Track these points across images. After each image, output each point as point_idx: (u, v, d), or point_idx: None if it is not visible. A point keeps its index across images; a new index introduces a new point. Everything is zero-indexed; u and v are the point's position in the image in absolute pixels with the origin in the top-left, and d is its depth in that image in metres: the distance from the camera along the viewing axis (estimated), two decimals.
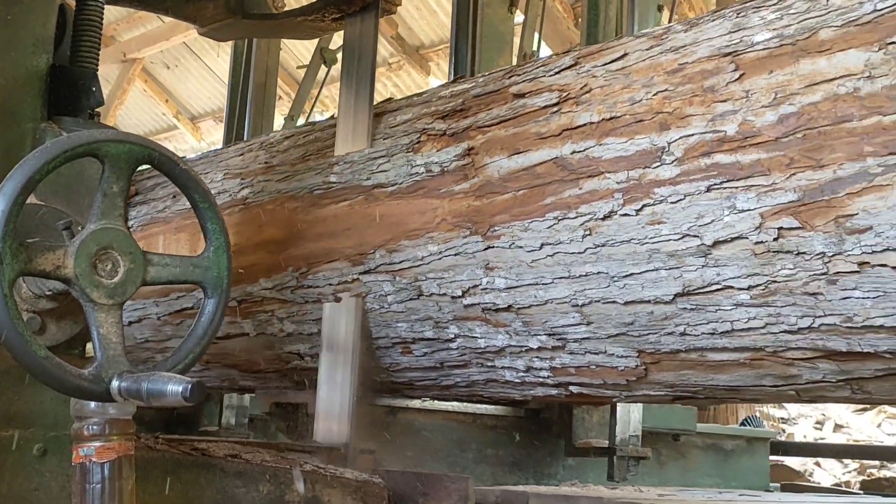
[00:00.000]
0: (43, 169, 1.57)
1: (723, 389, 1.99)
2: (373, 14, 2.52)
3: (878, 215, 1.55)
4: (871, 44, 1.60)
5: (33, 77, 1.93)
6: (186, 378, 1.54)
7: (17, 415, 1.82)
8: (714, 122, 1.76)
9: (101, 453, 1.62)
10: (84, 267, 1.62)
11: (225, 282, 1.77)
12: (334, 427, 2.31)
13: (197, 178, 1.76)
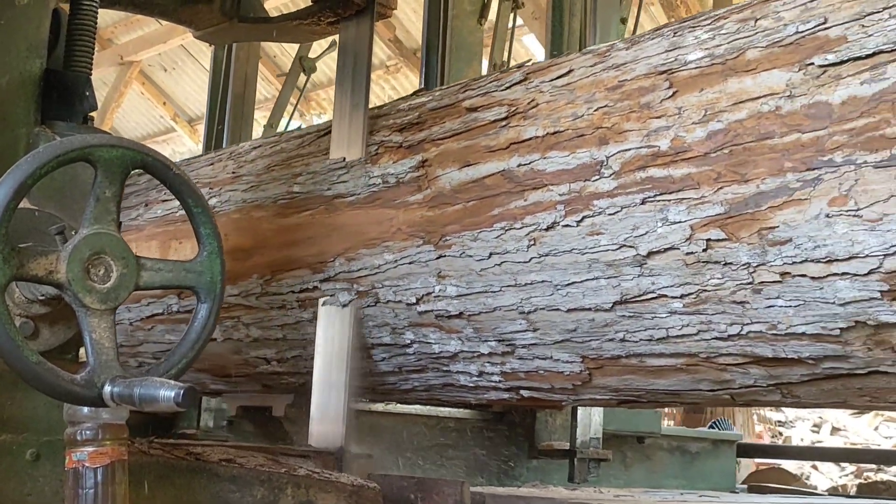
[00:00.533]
0: (35, 174, 1.57)
1: (663, 394, 2.06)
2: (368, 18, 2.54)
3: (797, 228, 1.62)
4: (793, 64, 1.68)
5: (27, 81, 1.92)
6: (178, 383, 1.54)
7: (10, 420, 1.82)
8: (649, 137, 1.83)
9: (95, 458, 1.62)
10: (77, 272, 1.61)
11: (218, 287, 1.76)
12: (329, 431, 2.32)
13: (190, 182, 1.76)
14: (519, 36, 9.42)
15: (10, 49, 1.90)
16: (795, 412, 10.49)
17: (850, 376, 1.74)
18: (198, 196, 1.75)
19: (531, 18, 8.15)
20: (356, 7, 2.52)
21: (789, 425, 10.92)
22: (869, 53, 1.59)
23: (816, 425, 10.77)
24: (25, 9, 1.92)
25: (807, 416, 10.68)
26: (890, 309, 1.58)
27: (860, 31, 1.62)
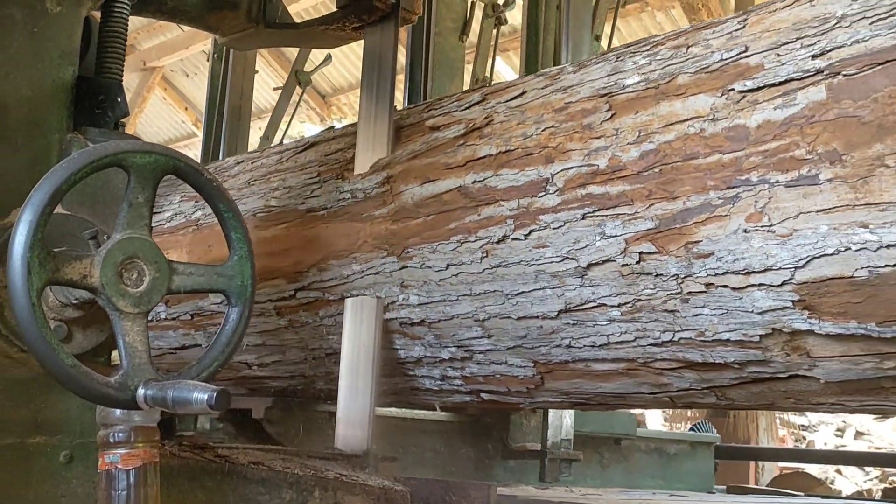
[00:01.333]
0: (70, 180, 1.58)
1: (610, 396, 2.18)
2: (392, 23, 2.54)
3: (719, 242, 1.74)
4: (717, 89, 1.79)
5: (59, 89, 1.93)
6: (211, 386, 1.54)
7: (44, 422, 1.83)
8: (589, 156, 1.95)
9: (127, 460, 1.63)
10: (110, 276, 1.62)
11: (249, 290, 1.77)
12: (355, 434, 2.32)
13: (221, 187, 1.77)
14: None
15: (42, 57, 1.92)
16: (819, 416, 10.48)
17: (774, 380, 1.85)
18: (228, 201, 1.77)
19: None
20: (381, 12, 2.53)
21: (812, 429, 10.91)
22: (782, 80, 1.71)
23: (840, 429, 10.77)
24: (58, 17, 1.93)
25: (830, 420, 10.66)
26: (801, 317, 1.69)
27: (775, 60, 1.74)
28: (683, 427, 8.46)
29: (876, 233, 1.56)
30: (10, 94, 1.87)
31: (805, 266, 1.65)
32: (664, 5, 8.49)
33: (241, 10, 2.68)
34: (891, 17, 1.61)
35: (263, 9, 2.73)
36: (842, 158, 1.60)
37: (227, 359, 1.75)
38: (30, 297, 1.53)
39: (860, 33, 1.64)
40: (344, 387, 2.34)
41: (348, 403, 2.34)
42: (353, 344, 2.33)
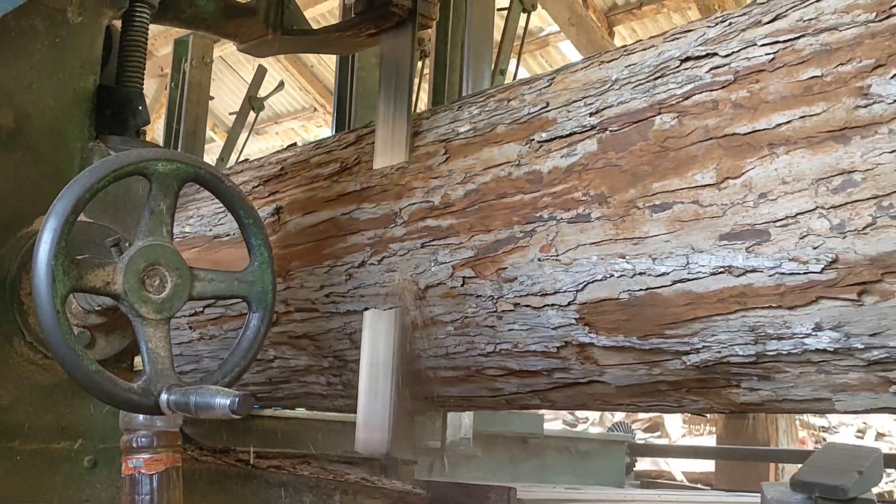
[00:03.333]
0: (93, 188, 1.59)
1: (460, 398, 2.48)
2: (409, 29, 2.53)
3: (521, 268, 2.04)
4: (523, 139, 2.10)
5: (81, 97, 1.94)
6: (234, 391, 1.55)
7: (68, 427, 1.84)
8: (428, 193, 2.25)
9: (150, 465, 1.63)
10: (133, 283, 1.63)
11: (269, 296, 1.78)
12: (375, 438, 2.32)
13: (242, 195, 1.78)
14: (555, 42, 9.57)
15: (64, 66, 1.92)
16: (839, 418, 10.60)
17: (578, 384, 2.15)
18: (249, 208, 1.78)
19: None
20: (397, 18, 2.52)
21: (833, 431, 11.06)
22: (567, 133, 2.01)
23: (861, 431, 10.89)
24: (79, 27, 1.94)
25: (851, 421, 10.75)
26: (584, 332, 1.98)
27: (565, 115, 2.04)
28: (703, 428, 8.71)
29: (631, 262, 1.86)
30: (32, 103, 1.88)
31: (583, 289, 1.95)
32: (680, 6, 8.60)
33: (258, 17, 2.68)
34: (647, 83, 1.92)
35: (281, 15, 2.72)
36: (607, 200, 1.90)
37: (248, 364, 1.76)
38: (54, 305, 1.53)
39: (624, 96, 1.95)
40: (363, 391, 2.36)
41: (368, 407, 2.34)
42: (373, 350, 2.34)
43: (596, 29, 8.46)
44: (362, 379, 2.36)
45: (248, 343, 1.76)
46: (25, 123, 1.86)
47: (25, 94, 1.87)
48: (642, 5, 8.96)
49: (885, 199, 1.52)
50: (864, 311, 1.60)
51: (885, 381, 1.71)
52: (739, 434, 5.59)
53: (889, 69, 1.54)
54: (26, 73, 1.87)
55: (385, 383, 2.32)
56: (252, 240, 1.78)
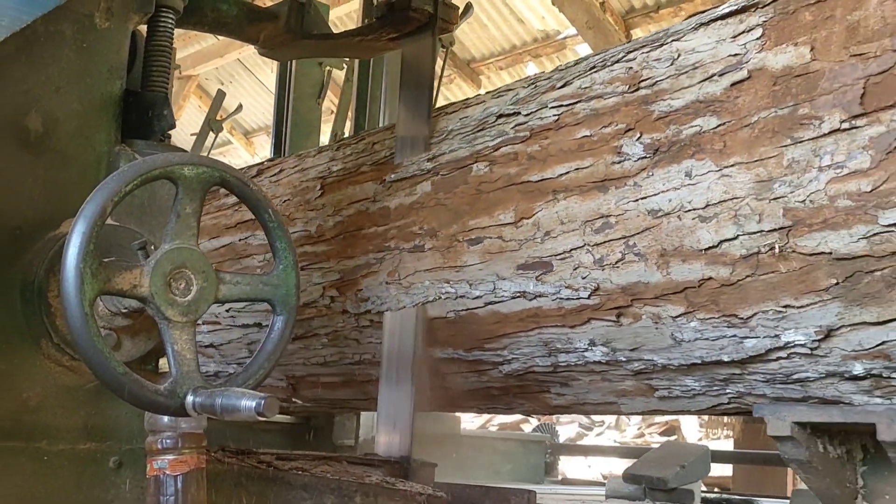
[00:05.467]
0: (121, 192, 1.60)
1: (343, 401, 2.80)
2: (430, 33, 2.54)
3: (373, 290, 2.36)
4: (378, 179, 2.41)
5: (108, 102, 1.94)
6: (259, 394, 1.56)
7: (94, 428, 1.84)
8: (306, 224, 2.57)
9: (175, 466, 1.64)
10: (159, 285, 1.63)
11: (293, 299, 1.78)
12: (395, 440, 2.34)
13: (266, 199, 1.79)
14: (572, 45, 9.70)
15: (92, 71, 1.93)
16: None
17: None
18: (274, 212, 1.79)
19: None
20: (418, 23, 2.54)
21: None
22: (410, 175, 2.33)
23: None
24: (106, 32, 1.94)
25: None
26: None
27: (410, 160, 2.36)
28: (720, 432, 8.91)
29: (454, 287, 2.18)
30: (60, 107, 1.89)
31: (422, 308, 2.26)
32: (697, 9, 8.71)
33: (279, 21, 2.69)
34: (471, 135, 2.24)
35: (301, 20, 2.72)
36: (437, 234, 2.22)
37: (272, 366, 1.77)
38: (83, 307, 1.54)
39: (454, 145, 2.27)
40: (383, 391, 2.39)
41: (388, 409, 2.37)
42: (393, 351, 2.37)
43: (614, 32, 8.63)
44: (382, 381, 2.39)
45: (272, 346, 1.76)
46: (53, 127, 1.87)
47: (53, 99, 1.87)
48: (659, 8, 8.86)
49: (630, 239, 1.84)
50: (622, 329, 1.92)
51: (650, 388, 2.03)
52: (757, 437, 5.64)
53: (636, 132, 1.86)
54: (54, 77, 1.87)
55: (405, 384, 2.33)
56: (277, 243, 1.78)
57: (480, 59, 10.64)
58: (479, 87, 10.73)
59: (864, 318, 1.58)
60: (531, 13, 9.82)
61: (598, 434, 9.81)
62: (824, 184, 1.56)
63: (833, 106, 1.57)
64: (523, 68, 10.47)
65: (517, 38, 10.19)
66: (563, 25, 9.56)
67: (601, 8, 8.65)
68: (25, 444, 1.78)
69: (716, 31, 1.82)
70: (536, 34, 10.02)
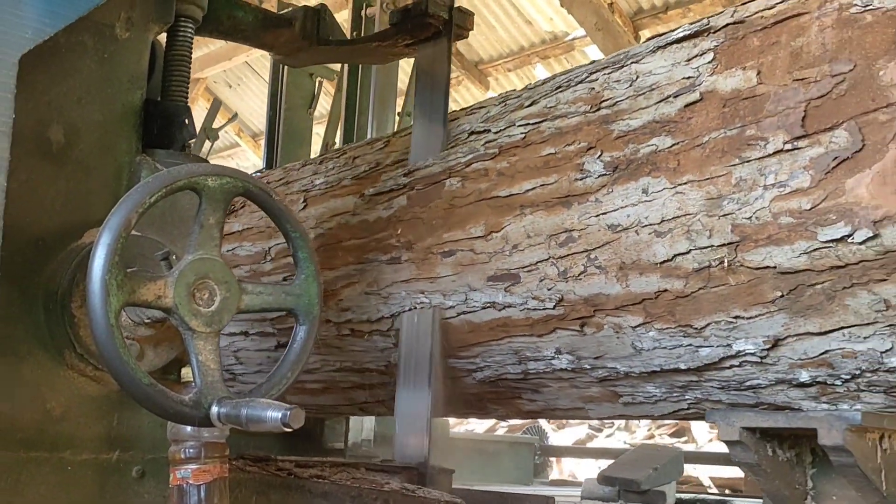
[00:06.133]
0: (145, 203, 1.61)
1: (328, 407, 2.88)
2: (445, 39, 2.55)
3: (353, 300, 2.43)
4: (358, 193, 2.49)
5: (129, 112, 1.95)
6: (285, 405, 1.55)
7: (117, 438, 1.85)
8: None
9: (198, 475, 1.64)
10: (183, 296, 1.64)
11: (316, 309, 1.78)
12: (412, 445, 2.32)
13: (288, 209, 1.80)
14: (581, 47, 9.71)
15: (113, 81, 1.93)
16: None
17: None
18: (296, 222, 1.80)
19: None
20: (434, 29, 2.54)
21: None
22: (388, 189, 2.41)
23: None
24: (127, 42, 1.94)
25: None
26: None
27: (388, 175, 2.44)
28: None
29: (428, 297, 2.26)
30: (82, 118, 1.89)
31: (398, 318, 2.34)
32: (706, 10, 8.41)
33: (295, 27, 2.69)
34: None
35: (317, 26, 2.73)
36: (412, 246, 2.30)
37: (295, 376, 1.78)
38: (108, 319, 1.54)
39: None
40: (402, 398, 2.36)
41: (406, 414, 2.35)
42: (410, 355, 2.34)
43: (623, 34, 8.65)
44: (400, 385, 2.36)
45: (295, 355, 1.77)
46: (75, 138, 1.87)
47: (75, 110, 1.88)
48: (668, 9, 8.86)
49: (592, 252, 1.92)
50: (586, 339, 2.00)
51: (615, 394, 2.11)
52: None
53: (597, 150, 1.94)
54: (76, 88, 1.88)
55: (423, 389, 2.31)
56: (299, 253, 1.79)
57: (489, 61, 10.60)
58: (487, 88, 10.73)
59: (808, 329, 1.67)
60: (539, 14, 9.77)
61: (609, 436, 9.89)
62: (769, 201, 1.64)
63: (777, 128, 1.65)
64: (531, 70, 10.44)
65: (525, 40, 10.15)
66: (571, 27, 9.57)
67: (610, 9, 8.66)
68: (49, 454, 1.79)
69: (672, 55, 1.90)
70: (545, 35, 10.00)
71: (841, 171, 1.55)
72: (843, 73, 1.58)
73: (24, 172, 1.77)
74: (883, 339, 1.58)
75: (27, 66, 1.69)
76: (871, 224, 1.50)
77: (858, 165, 1.54)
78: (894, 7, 1.56)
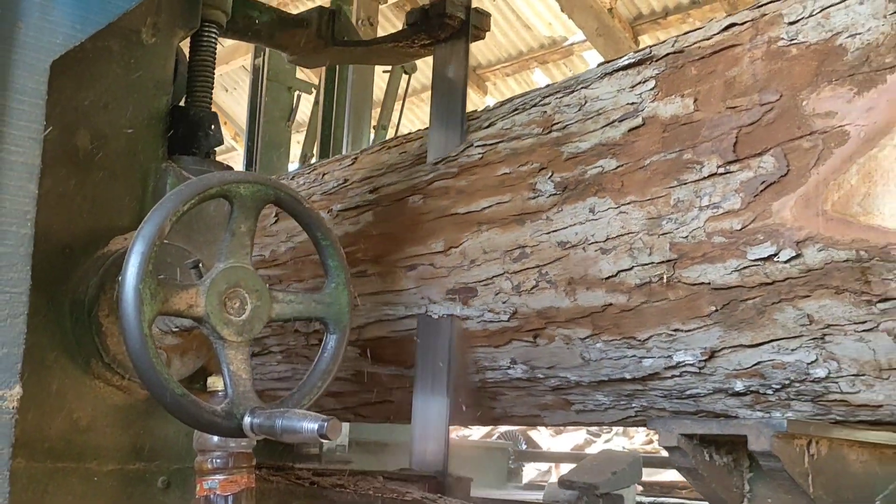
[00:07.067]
0: (178, 211, 1.58)
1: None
2: (463, 40, 2.51)
3: None
4: (327, 208, 2.59)
5: (154, 118, 1.93)
6: (321, 416, 1.52)
7: (143, 448, 1.83)
8: (262, 248, 2.74)
9: (225, 486, 1.62)
10: (214, 305, 1.61)
11: (346, 317, 1.76)
12: (430, 453, 2.29)
13: (319, 216, 1.77)
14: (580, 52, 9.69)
15: (139, 87, 1.91)
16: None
17: (376, 403, 2.64)
18: (326, 229, 1.77)
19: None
20: (451, 30, 2.51)
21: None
22: (355, 206, 2.50)
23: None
24: (153, 48, 1.92)
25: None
26: (368, 363, 2.47)
27: (356, 190, 2.53)
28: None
29: (393, 309, 2.35)
30: (108, 124, 1.86)
31: (364, 328, 2.43)
32: (705, 15, 8.50)
33: (310, 28, 2.67)
34: (408, 170, 2.42)
35: (332, 27, 2.71)
36: (378, 260, 2.39)
37: (326, 385, 1.76)
38: (142, 329, 1.52)
39: (394, 178, 2.44)
40: (417, 402, 2.33)
41: (423, 422, 2.32)
42: (427, 362, 2.30)
43: (623, 39, 8.70)
44: (417, 392, 2.33)
45: (325, 364, 1.75)
46: (101, 144, 1.84)
47: (101, 116, 1.85)
48: (668, 14, 8.88)
49: (543, 268, 2.01)
50: (539, 349, 2.09)
51: (567, 402, 2.20)
52: None
53: (548, 171, 2.04)
54: (102, 94, 1.85)
55: (441, 397, 2.28)
56: (329, 261, 1.77)
57: (487, 66, 10.56)
58: (485, 93, 10.70)
59: (741, 341, 1.76)
60: (538, 19, 9.76)
61: (607, 441, 9.99)
62: (703, 222, 1.74)
63: (712, 152, 1.75)
64: (530, 75, 10.43)
65: (524, 45, 10.15)
66: (570, 32, 9.59)
67: (610, 14, 8.67)
68: (76, 464, 1.77)
69: (618, 81, 2.00)
70: (543, 40, 10.00)
71: (768, 194, 1.65)
72: (772, 103, 1.68)
73: (50, 179, 1.74)
74: (808, 352, 1.68)
75: (55, 72, 1.67)
76: (795, 244, 1.60)
77: (784, 189, 1.64)
78: (817, 42, 1.66)
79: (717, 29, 1.86)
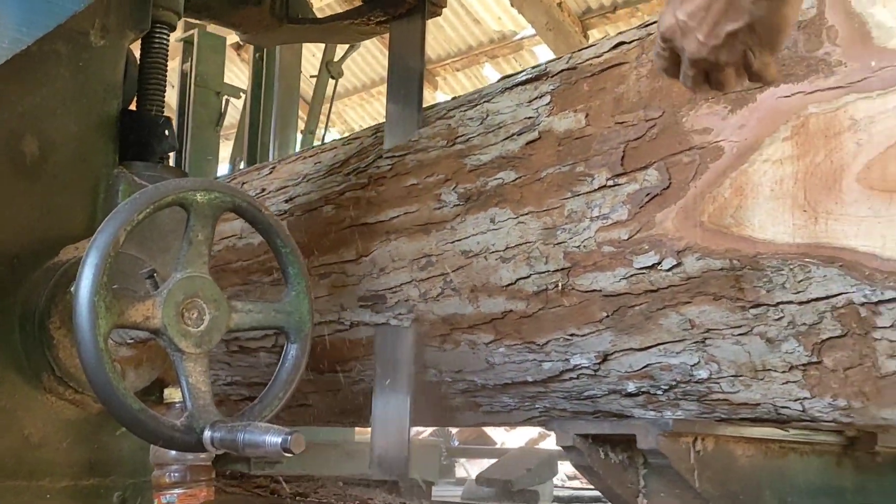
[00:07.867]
0: (133, 220, 1.54)
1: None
2: (419, 17, 2.43)
3: None
4: None
5: (105, 122, 1.85)
6: (285, 429, 1.48)
7: (97, 463, 1.77)
8: None
9: (184, 500, 1.61)
10: (172, 316, 1.56)
11: (307, 326, 1.72)
12: (391, 458, 2.25)
13: (278, 224, 1.74)
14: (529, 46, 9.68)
15: (88, 91, 1.84)
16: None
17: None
18: (286, 236, 1.74)
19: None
20: (407, 6, 2.43)
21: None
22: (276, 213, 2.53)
23: None
24: (102, 50, 1.85)
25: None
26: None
27: (272, 200, 2.57)
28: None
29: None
30: (57, 130, 1.79)
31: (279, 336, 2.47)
32: (654, 9, 8.49)
33: (264, 6, 2.56)
34: (322, 180, 2.47)
35: (286, 5, 2.62)
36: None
37: (287, 396, 1.70)
38: (97, 342, 1.47)
39: (308, 188, 2.49)
40: (377, 408, 2.27)
41: (382, 426, 2.26)
42: (386, 366, 2.26)
43: (573, 33, 8.76)
44: (376, 396, 2.28)
45: (286, 374, 1.70)
46: (50, 151, 1.77)
47: (50, 121, 1.78)
48: (616, 9, 8.90)
49: (448, 276, 2.08)
50: (447, 354, 2.16)
51: (476, 404, 2.28)
52: None
53: (453, 182, 2.11)
54: (50, 99, 1.78)
55: (401, 400, 2.23)
56: (289, 269, 1.73)
57: (437, 61, 10.45)
58: (435, 88, 10.64)
59: (631, 345, 1.85)
60: (487, 13, 9.75)
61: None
62: (594, 232, 1.82)
63: (602, 165, 1.83)
64: (480, 69, 10.42)
65: (473, 39, 10.11)
66: (519, 26, 9.58)
67: (559, 8, 8.72)
68: (28, 482, 1.70)
69: (517, 95, 2.08)
70: (493, 35, 9.99)
71: (652, 206, 1.74)
72: (655, 119, 1.77)
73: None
74: (691, 354, 1.77)
75: (0, 77, 1.62)
76: (676, 254, 1.69)
77: (666, 201, 1.72)
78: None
79: (608, 47, 1.94)
